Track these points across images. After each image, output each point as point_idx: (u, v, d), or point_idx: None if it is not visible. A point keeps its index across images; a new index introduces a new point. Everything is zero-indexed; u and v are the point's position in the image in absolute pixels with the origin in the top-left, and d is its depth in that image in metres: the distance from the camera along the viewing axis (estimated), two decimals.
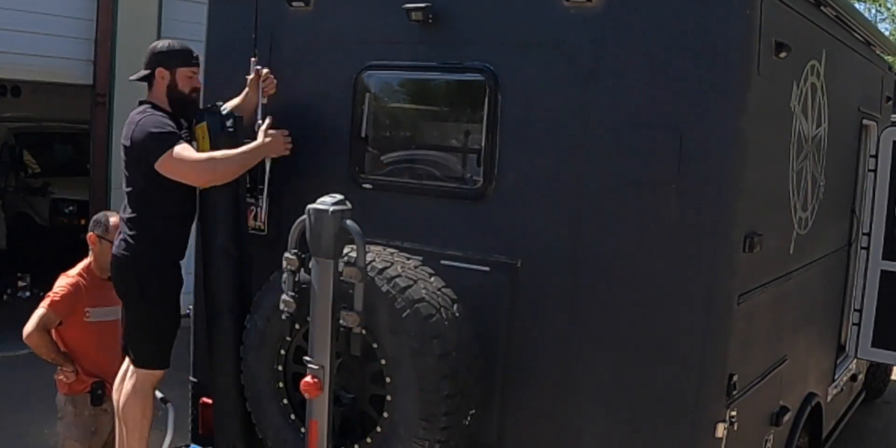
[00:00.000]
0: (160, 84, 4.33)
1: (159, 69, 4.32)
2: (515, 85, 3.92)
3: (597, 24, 3.72)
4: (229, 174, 4.18)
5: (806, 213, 4.65)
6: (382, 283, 3.70)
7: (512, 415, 4.00)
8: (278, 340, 3.99)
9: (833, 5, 4.58)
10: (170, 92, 4.33)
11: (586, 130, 3.76)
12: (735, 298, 3.67)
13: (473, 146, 4.16)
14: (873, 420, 7.88)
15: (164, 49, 4.35)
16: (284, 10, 4.51)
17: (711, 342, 3.62)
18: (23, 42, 8.40)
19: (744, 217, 3.69)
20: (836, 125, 5.02)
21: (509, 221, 3.96)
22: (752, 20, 3.55)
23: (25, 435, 6.30)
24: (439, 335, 3.67)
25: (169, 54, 4.34)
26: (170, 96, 4.33)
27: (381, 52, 4.26)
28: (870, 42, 5.83)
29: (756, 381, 4.10)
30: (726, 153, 3.56)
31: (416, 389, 3.65)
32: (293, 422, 4.01)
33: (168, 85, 4.32)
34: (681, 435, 3.67)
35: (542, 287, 3.89)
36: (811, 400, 5.07)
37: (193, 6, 7.98)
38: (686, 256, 3.60)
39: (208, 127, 4.18)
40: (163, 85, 4.32)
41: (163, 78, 4.32)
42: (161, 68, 4.32)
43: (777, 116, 4.06)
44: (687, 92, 3.58)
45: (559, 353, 3.86)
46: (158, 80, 4.32)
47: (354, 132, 4.38)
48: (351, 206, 3.72)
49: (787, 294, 4.50)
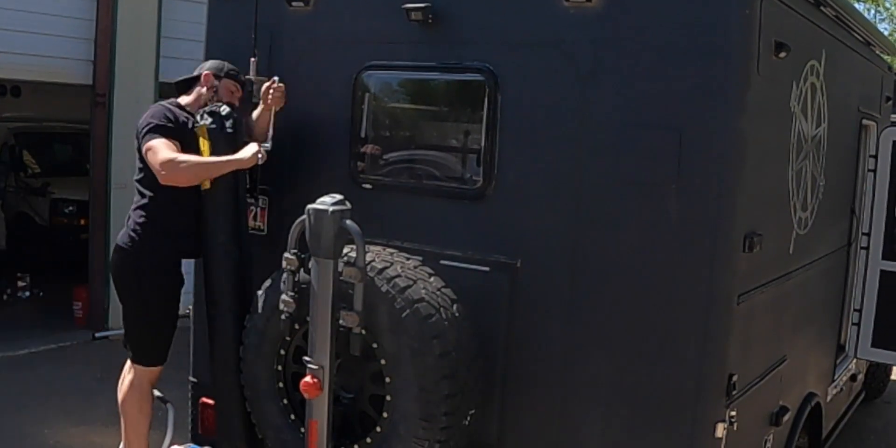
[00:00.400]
0: (202, 87, 4.41)
1: (207, 73, 4.42)
2: (515, 85, 3.92)
3: (596, 24, 3.73)
4: (189, 179, 4.19)
5: (805, 212, 4.65)
6: (382, 283, 3.70)
7: (512, 415, 4.00)
8: (278, 340, 3.99)
9: (833, 5, 4.58)
10: (207, 99, 4.39)
11: (586, 130, 3.76)
12: (735, 298, 3.67)
13: (473, 146, 4.16)
14: (873, 420, 7.88)
15: (222, 63, 4.47)
16: (284, 10, 4.51)
17: (711, 342, 3.62)
18: (23, 42, 8.39)
19: (743, 217, 3.69)
20: (835, 125, 5.02)
21: (509, 221, 3.96)
22: (752, 20, 3.55)
23: (25, 435, 6.30)
24: (439, 335, 3.68)
25: (220, 66, 4.46)
26: (204, 103, 4.37)
27: (380, 51, 4.26)
28: (869, 42, 5.83)
29: (756, 381, 4.10)
30: (726, 153, 3.56)
31: (415, 389, 3.65)
32: (293, 422, 4.02)
33: (210, 89, 4.40)
34: (680, 435, 3.67)
35: (541, 287, 3.89)
36: (811, 400, 5.07)
37: (193, 6, 7.98)
38: (686, 256, 3.60)
39: (207, 127, 4.19)
40: (205, 88, 4.40)
41: (207, 81, 4.41)
42: (209, 73, 4.42)
43: (777, 116, 4.06)
44: (687, 92, 3.58)
45: (559, 352, 3.86)
46: (203, 82, 4.41)
47: (354, 132, 4.38)
48: (350, 206, 3.72)
49: (786, 294, 4.50)
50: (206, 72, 4.43)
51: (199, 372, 4.86)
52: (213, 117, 4.21)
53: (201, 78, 4.43)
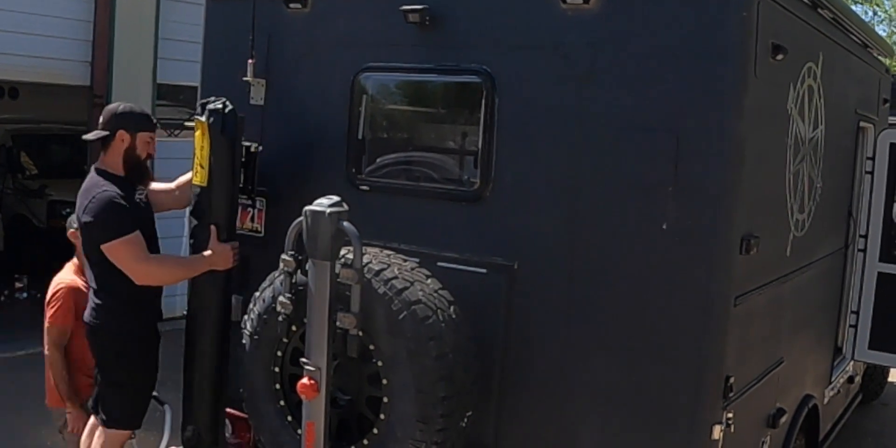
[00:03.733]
0: (118, 146, 4.24)
1: (120, 131, 4.23)
2: (512, 87, 3.92)
3: (594, 27, 3.73)
4: (167, 281, 4.23)
5: (803, 215, 4.65)
6: (379, 284, 3.70)
7: (509, 416, 4.00)
8: (275, 342, 3.99)
9: (830, 8, 4.59)
10: (127, 155, 4.25)
11: (583, 132, 3.76)
12: (732, 300, 3.67)
13: (470, 148, 4.17)
14: (870, 422, 7.89)
15: (126, 111, 4.28)
16: (281, 12, 4.51)
17: (708, 344, 3.62)
18: (20, 43, 8.39)
19: (740, 219, 3.69)
20: (832, 127, 5.02)
21: (506, 223, 3.96)
22: (749, 23, 3.55)
23: (24, 435, 6.29)
24: (436, 337, 3.67)
25: (131, 117, 4.27)
26: (126, 160, 4.25)
27: (378, 53, 4.26)
28: (867, 44, 5.84)
29: (753, 383, 4.10)
30: (723, 155, 3.56)
31: (412, 391, 3.65)
32: (290, 423, 4.01)
33: (127, 148, 4.24)
34: (677, 437, 3.67)
35: (538, 289, 3.89)
36: (808, 402, 5.07)
37: (191, 7, 7.98)
38: (683, 258, 3.60)
39: (209, 126, 4.16)
40: (121, 148, 4.24)
41: (123, 140, 4.23)
42: (122, 130, 4.23)
43: (774, 119, 4.07)
44: (684, 94, 3.58)
45: (556, 354, 3.86)
46: (118, 142, 4.24)
47: (351, 134, 4.38)
48: (348, 208, 3.72)
49: (783, 296, 4.50)
50: (120, 131, 4.22)
51: None
52: (213, 115, 4.15)
53: (115, 136, 4.23)
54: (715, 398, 3.66)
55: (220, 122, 4.17)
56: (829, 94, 4.84)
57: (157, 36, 9.52)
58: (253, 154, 4.46)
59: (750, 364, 4.06)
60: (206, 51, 4.83)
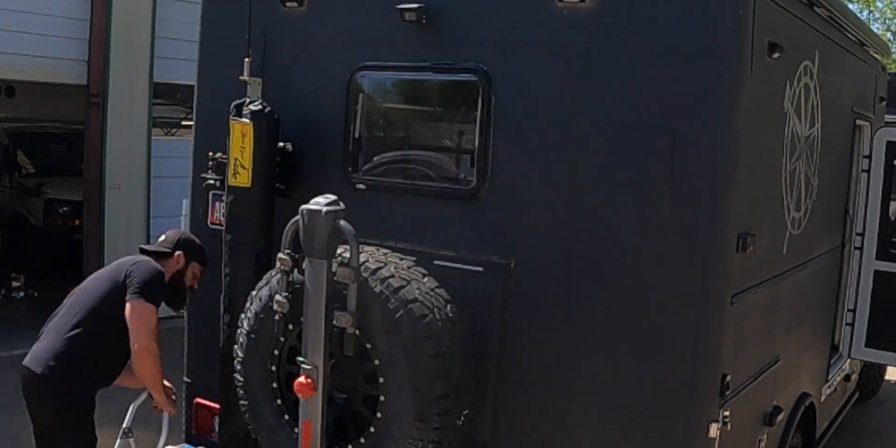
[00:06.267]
0: (172, 265, 4.50)
1: (179, 253, 4.53)
2: (508, 85, 3.92)
3: (590, 25, 3.73)
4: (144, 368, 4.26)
5: (799, 213, 4.65)
6: (376, 283, 3.70)
7: (505, 415, 4.00)
8: (272, 341, 3.99)
9: (826, 6, 4.59)
10: (174, 277, 4.49)
11: (579, 131, 3.76)
12: (728, 298, 3.67)
13: (467, 146, 4.17)
14: (867, 420, 7.90)
15: (194, 241, 4.61)
16: (278, 11, 4.51)
17: (704, 342, 3.63)
18: (16, 42, 8.39)
19: (737, 217, 3.69)
20: (829, 126, 5.03)
21: (502, 221, 3.96)
22: (745, 21, 3.55)
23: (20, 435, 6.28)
24: (433, 335, 3.67)
25: (196, 248, 4.60)
26: (171, 280, 4.46)
27: (374, 52, 4.26)
28: (863, 42, 5.84)
29: (749, 381, 4.11)
30: (719, 153, 3.57)
31: (409, 389, 3.65)
32: (286, 422, 4.01)
33: (178, 270, 4.52)
34: (674, 435, 3.68)
35: (535, 287, 3.89)
36: (805, 400, 5.08)
37: (187, 6, 7.96)
38: (679, 256, 3.61)
39: (254, 128, 4.21)
40: (174, 267, 4.50)
41: (178, 262, 4.52)
42: (182, 253, 4.53)
43: (770, 117, 4.07)
44: (680, 92, 3.58)
45: (552, 353, 3.87)
46: (174, 261, 4.51)
47: (348, 132, 4.38)
48: (344, 207, 3.71)
49: (780, 294, 4.50)
50: (180, 253, 4.52)
51: (192, 372, 4.86)
52: (256, 116, 4.22)
53: (174, 256, 4.51)
54: (711, 396, 3.67)
55: (264, 123, 4.19)
56: (826, 92, 4.84)
57: (153, 34, 9.52)
58: (288, 154, 4.47)
59: (746, 362, 4.06)
60: (203, 49, 4.82)
